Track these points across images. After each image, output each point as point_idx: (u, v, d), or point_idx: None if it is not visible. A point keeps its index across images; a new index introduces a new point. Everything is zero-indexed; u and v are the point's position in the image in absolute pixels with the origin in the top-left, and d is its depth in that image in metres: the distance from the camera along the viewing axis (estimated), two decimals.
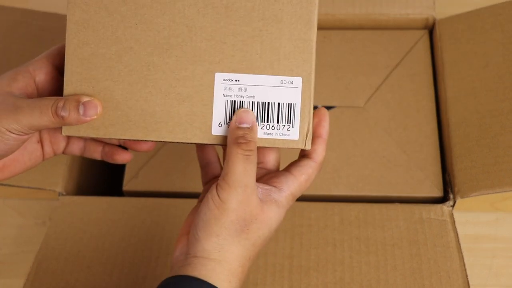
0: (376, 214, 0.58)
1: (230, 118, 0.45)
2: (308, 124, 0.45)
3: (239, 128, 0.44)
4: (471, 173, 0.58)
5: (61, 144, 0.51)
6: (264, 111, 0.45)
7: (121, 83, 0.45)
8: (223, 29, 0.45)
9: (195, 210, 0.46)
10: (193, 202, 0.48)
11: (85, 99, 0.45)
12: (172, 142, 0.46)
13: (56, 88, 0.48)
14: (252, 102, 0.45)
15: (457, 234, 0.56)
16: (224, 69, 0.45)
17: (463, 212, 0.71)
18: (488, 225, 0.71)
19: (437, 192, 0.60)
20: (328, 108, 0.65)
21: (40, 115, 0.44)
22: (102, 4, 0.46)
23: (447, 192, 0.60)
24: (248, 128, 0.44)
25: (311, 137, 0.45)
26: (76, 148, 0.51)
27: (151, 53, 0.45)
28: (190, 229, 0.44)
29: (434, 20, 0.68)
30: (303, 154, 0.47)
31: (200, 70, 0.45)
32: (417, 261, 0.55)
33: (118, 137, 0.46)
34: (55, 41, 0.67)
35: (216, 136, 0.45)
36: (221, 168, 0.49)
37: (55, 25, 0.68)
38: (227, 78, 0.45)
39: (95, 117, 0.45)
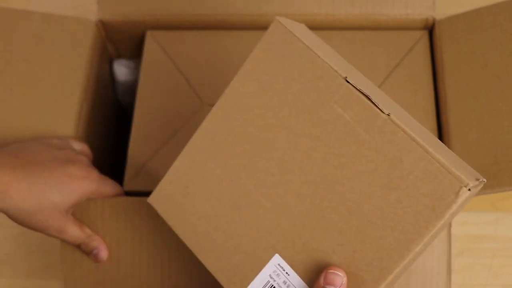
0: None
1: None
2: None
3: None
4: None
5: None
6: None
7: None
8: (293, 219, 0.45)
9: None
10: None
11: (100, 249, 0.58)
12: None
13: None
14: None
15: (450, 246, 0.56)
16: (285, 255, 0.45)
17: (463, 212, 0.71)
18: (488, 225, 0.71)
19: None
20: None
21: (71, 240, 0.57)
22: None
23: None
24: None
25: None
26: None
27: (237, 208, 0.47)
28: None
29: (434, 20, 0.68)
30: None
31: (267, 240, 0.45)
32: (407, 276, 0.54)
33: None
34: (56, 42, 0.67)
35: None
36: None
37: (55, 26, 0.68)
38: (281, 265, 0.45)
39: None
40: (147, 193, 0.62)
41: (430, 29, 0.69)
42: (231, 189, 0.46)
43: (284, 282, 0.44)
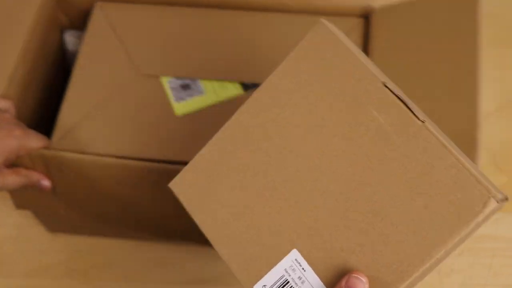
0: None
1: None
2: None
3: None
4: None
5: None
6: None
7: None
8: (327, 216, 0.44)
9: None
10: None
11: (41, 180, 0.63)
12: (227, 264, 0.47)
13: None
14: None
15: None
16: (303, 251, 0.44)
17: None
18: (488, 225, 0.70)
19: None
20: (251, 86, 0.65)
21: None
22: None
23: None
24: None
25: None
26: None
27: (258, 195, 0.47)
28: None
29: (371, 8, 0.67)
30: None
31: (287, 235, 0.45)
32: None
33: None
34: (2, 9, 0.69)
35: None
36: None
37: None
38: (298, 261, 0.45)
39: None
40: None
41: (367, 17, 0.69)
42: (257, 181, 0.46)
43: (299, 278, 0.44)
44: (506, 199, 0.41)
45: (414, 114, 0.42)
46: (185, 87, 0.65)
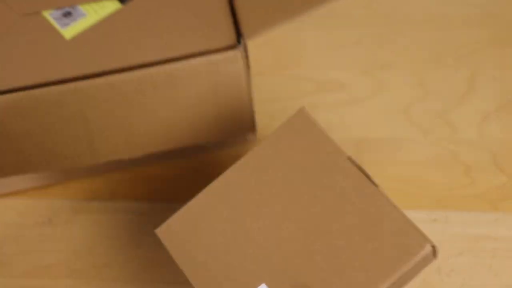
0: None
1: None
2: None
3: None
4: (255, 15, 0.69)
5: None
6: None
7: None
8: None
9: None
10: None
11: None
12: None
13: None
14: None
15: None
16: (272, 286, 0.53)
17: (463, 212, 0.71)
18: (488, 225, 0.70)
19: (231, 41, 0.65)
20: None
21: None
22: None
23: (239, 37, 0.65)
24: None
25: None
26: None
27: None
28: None
29: None
30: None
31: (258, 272, 0.54)
32: None
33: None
34: None
35: None
36: None
37: None
38: None
39: None
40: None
41: None
42: (236, 228, 0.56)
43: None
44: (436, 249, 0.52)
45: (371, 181, 0.55)
46: (67, 14, 0.70)
